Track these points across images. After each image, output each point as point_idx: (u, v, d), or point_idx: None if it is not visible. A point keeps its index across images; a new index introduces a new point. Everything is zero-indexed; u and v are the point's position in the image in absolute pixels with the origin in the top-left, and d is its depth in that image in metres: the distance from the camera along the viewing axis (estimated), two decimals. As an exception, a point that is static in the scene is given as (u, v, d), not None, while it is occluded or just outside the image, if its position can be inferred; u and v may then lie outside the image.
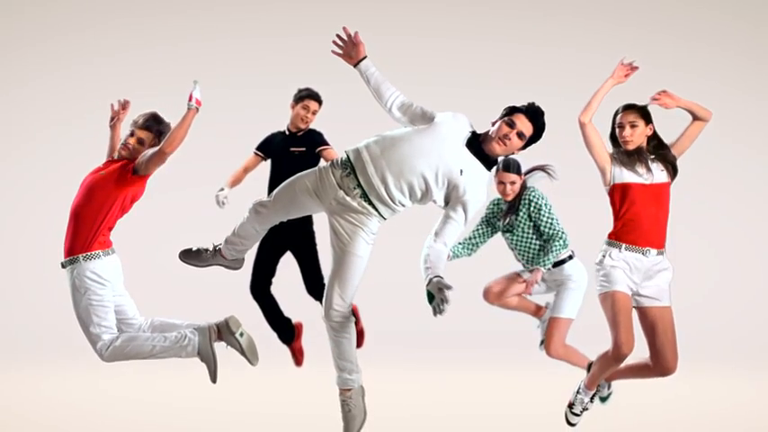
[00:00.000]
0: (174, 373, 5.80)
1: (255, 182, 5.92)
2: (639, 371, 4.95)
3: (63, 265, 4.89)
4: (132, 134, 4.91)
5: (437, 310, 4.22)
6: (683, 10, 6.19)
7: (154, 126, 4.92)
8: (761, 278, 6.25)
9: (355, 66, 4.64)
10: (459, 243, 5.53)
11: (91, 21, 6.28)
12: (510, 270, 5.59)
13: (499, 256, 5.64)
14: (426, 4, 6.24)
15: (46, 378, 7.05)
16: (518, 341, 6.01)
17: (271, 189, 5.62)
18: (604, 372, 4.99)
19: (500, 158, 4.83)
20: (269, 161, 5.93)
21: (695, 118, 4.82)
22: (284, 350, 6.15)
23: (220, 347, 4.92)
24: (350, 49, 4.63)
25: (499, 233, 5.57)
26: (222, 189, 5.91)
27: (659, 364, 4.80)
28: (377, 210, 4.48)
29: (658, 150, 4.79)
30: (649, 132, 4.79)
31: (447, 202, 4.50)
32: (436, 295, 4.22)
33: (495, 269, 5.60)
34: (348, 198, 4.46)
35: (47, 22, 6.96)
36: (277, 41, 5.95)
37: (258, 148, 5.94)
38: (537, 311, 5.62)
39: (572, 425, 5.22)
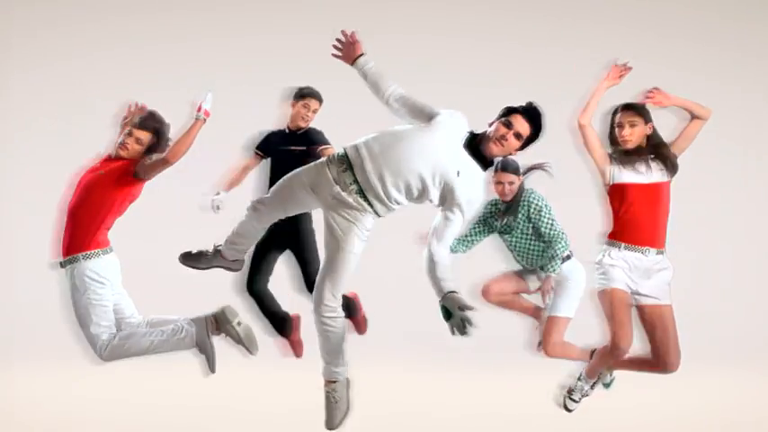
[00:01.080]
0: (162, 374, 5.74)
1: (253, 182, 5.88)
2: (643, 364, 4.99)
3: (61, 265, 4.85)
4: (131, 134, 4.82)
5: (460, 332, 4.16)
6: (675, 8, 6.24)
7: (152, 125, 4.85)
8: (761, 278, 6.31)
9: (353, 64, 4.68)
10: (456, 239, 5.53)
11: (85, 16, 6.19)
12: (508, 269, 5.62)
13: (497, 256, 5.65)
14: (426, 2, 6.24)
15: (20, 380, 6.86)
16: (517, 340, 6.02)
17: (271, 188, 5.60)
18: (603, 365, 5.04)
19: (498, 159, 4.84)
20: (268, 160, 5.90)
21: (693, 116, 4.86)
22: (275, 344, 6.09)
23: (218, 340, 4.90)
24: (348, 49, 4.68)
25: (496, 233, 5.59)
26: (218, 193, 5.83)
27: (661, 362, 4.84)
28: (372, 207, 4.47)
29: (658, 149, 4.82)
30: (649, 131, 4.83)
31: (443, 202, 4.51)
32: (456, 314, 4.18)
33: (493, 269, 5.61)
34: (344, 194, 4.44)
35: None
36: (275, 39, 5.94)
37: (258, 147, 5.90)
38: (536, 312, 5.61)
39: (569, 410, 5.25)
